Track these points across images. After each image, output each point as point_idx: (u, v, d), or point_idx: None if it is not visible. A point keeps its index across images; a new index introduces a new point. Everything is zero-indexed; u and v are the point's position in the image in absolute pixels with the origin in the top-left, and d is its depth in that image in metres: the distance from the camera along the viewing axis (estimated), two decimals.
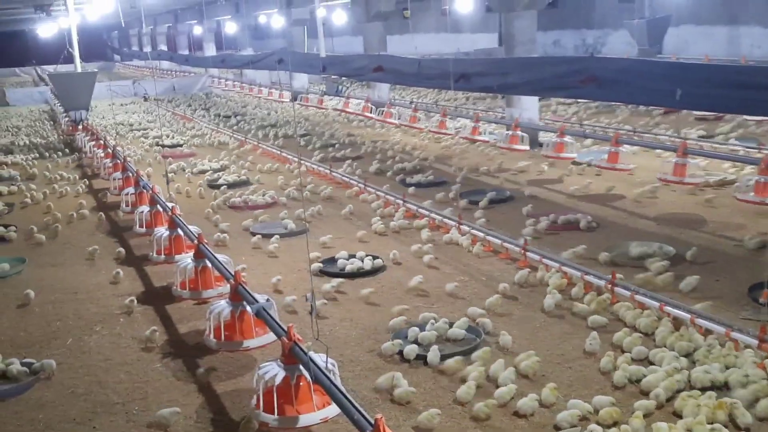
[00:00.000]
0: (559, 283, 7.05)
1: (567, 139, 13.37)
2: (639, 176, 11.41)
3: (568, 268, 7.31)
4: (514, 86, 12.37)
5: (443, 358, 5.75)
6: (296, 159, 14.27)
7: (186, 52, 40.87)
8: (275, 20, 32.42)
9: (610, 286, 6.77)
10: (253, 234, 9.58)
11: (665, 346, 5.72)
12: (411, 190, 11.33)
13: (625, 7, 25.68)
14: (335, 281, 7.51)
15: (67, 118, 20.99)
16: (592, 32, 28.16)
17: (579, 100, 18.85)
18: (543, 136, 14.40)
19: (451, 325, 6.29)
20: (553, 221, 9.32)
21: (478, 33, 32.63)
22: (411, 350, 5.87)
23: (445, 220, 9.40)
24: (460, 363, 5.65)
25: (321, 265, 8.06)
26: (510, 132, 14.39)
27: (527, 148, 14.09)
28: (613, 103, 17.21)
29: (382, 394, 5.35)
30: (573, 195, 10.81)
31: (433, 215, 9.66)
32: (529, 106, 15.08)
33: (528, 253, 7.86)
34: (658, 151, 12.61)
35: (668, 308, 6.19)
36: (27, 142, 19.22)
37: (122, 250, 9.15)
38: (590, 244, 8.29)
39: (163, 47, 47.64)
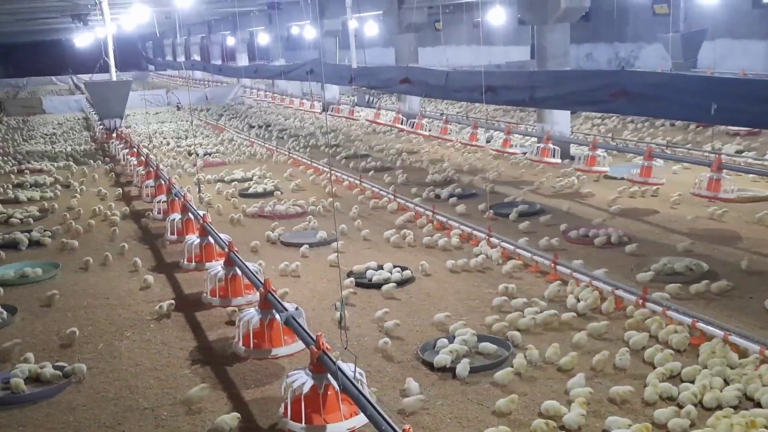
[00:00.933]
0: (593, 302, 6.95)
1: (599, 152, 13.26)
2: (672, 191, 11.28)
3: (599, 282, 7.24)
4: (544, 100, 12.33)
5: (472, 370, 5.73)
6: (326, 169, 14.33)
7: (219, 62, 41.35)
8: (307, 31, 32.66)
9: (641, 301, 6.69)
10: (283, 243, 9.63)
11: (698, 364, 5.64)
12: (452, 200, 11.30)
13: (659, 20, 25.45)
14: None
15: (101, 126, 21.32)
16: (626, 45, 27.94)
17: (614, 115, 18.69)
18: (575, 150, 14.31)
19: (480, 338, 6.26)
20: (583, 235, 9.25)
21: (510, 45, 32.56)
22: (443, 360, 5.87)
23: (475, 232, 9.37)
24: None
25: (354, 279, 8.04)
26: (541, 145, 14.30)
27: (559, 161, 14.00)
28: (651, 117, 17.08)
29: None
30: (605, 209, 10.72)
31: (463, 227, 9.63)
32: (560, 120, 15.00)
33: (558, 267, 7.80)
34: (692, 165, 12.48)
35: (701, 325, 6.10)
36: (62, 149, 19.54)
37: (154, 255, 9.25)
38: (621, 258, 8.20)
39: (197, 57, 48.27)
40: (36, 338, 6.99)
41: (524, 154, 15.07)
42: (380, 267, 8.27)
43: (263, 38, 39.11)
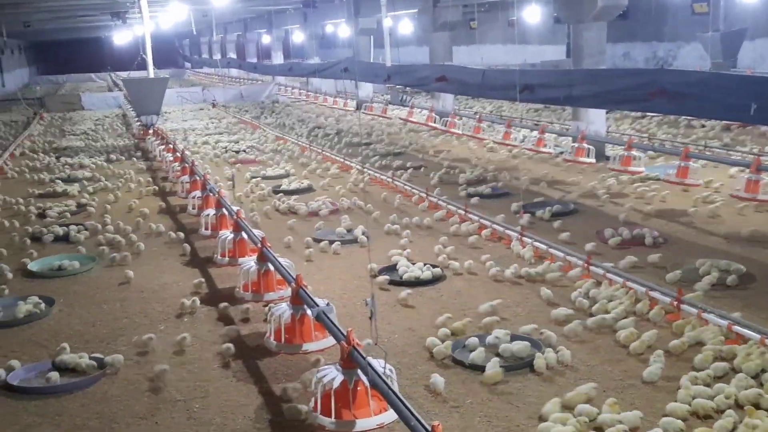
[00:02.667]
0: (628, 304, 6.87)
1: (635, 152, 13.12)
2: (709, 192, 11.11)
3: (633, 283, 7.16)
4: (580, 98, 12.23)
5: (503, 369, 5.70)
6: (359, 167, 14.37)
7: (254, 60, 41.69)
8: (342, 30, 32.80)
9: (676, 303, 6.60)
10: (315, 240, 9.68)
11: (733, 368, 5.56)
12: (474, 200, 11.27)
13: (698, 19, 25.05)
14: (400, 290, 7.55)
15: (138, 123, 21.63)
16: (664, 45, 27.57)
17: (653, 114, 18.47)
18: (610, 150, 14.17)
19: (512, 337, 6.23)
20: (618, 236, 9.16)
21: (545, 44, 32.31)
22: (478, 356, 5.87)
23: (507, 231, 9.33)
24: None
25: (387, 276, 8.04)
26: (576, 144, 14.20)
27: (593, 161, 13.89)
28: (688, 117, 16.85)
29: (438, 399, 5.34)
30: (639, 210, 10.59)
31: (495, 226, 9.60)
32: (595, 119, 14.86)
33: (591, 267, 7.73)
34: (730, 166, 12.29)
35: (737, 328, 6.00)
36: (100, 145, 19.84)
37: (188, 250, 9.36)
38: (656, 260, 8.10)
39: (232, 55, 48.69)
40: (72, 329, 7.11)
41: (560, 153, 14.96)
42: (411, 265, 8.26)
43: (298, 36, 39.40)
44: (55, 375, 5.96)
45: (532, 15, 24.40)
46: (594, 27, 14.43)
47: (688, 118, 17.50)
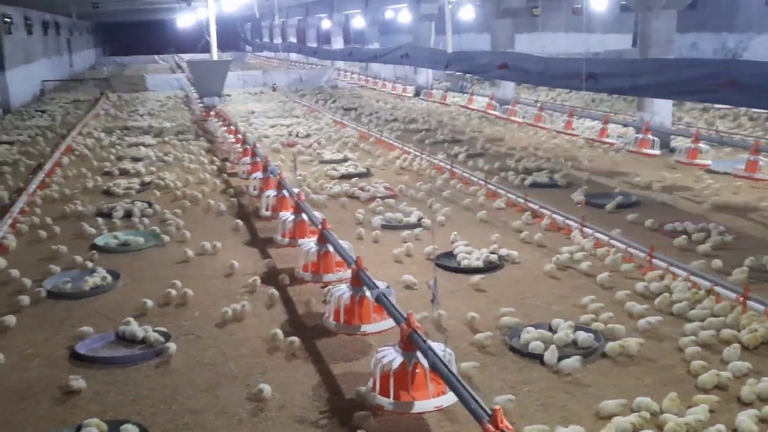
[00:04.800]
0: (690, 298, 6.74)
1: (702, 145, 12.81)
2: None
3: (697, 277, 7.01)
4: (646, 88, 11.95)
5: (561, 359, 5.66)
6: (418, 153, 14.36)
7: (314, 45, 41.91)
8: (403, 15, 32.70)
9: (742, 299, 6.44)
10: (372, 224, 9.73)
11: None
12: (544, 192, 11.16)
13: None
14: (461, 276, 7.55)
15: (200, 104, 22.00)
16: (734, 36, 26.74)
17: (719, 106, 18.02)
18: (676, 142, 13.86)
19: (573, 327, 6.17)
20: (680, 230, 8.98)
21: (609, 33, 31.69)
22: (536, 347, 5.84)
23: (568, 221, 9.23)
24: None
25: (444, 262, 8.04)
26: (640, 135, 13.92)
27: (658, 152, 13.60)
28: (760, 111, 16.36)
29: (494, 386, 5.34)
30: (705, 204, 10.35)
31: (555, 216, 9.49)
32: (660, 110, 14.54)
33: (654, 260, 7.59)
34: None
35: None
36: (163, 125, 20.24)
37: (248, 230, 9.50)
38: (719, 254, 7.92)
39: (293, 40, 49.02)
40: (137, 303, 7.30)
41: (624, 144, 14.69)
42: (469, 252, 8.23)
43: (358, 22, 39.43)
44: (121, 345, 6.14)
45: (598, 2, 23.91)
46: (663, 15, 14.10)
47: (759, 111, 16.99)
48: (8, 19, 24.30)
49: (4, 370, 5.89)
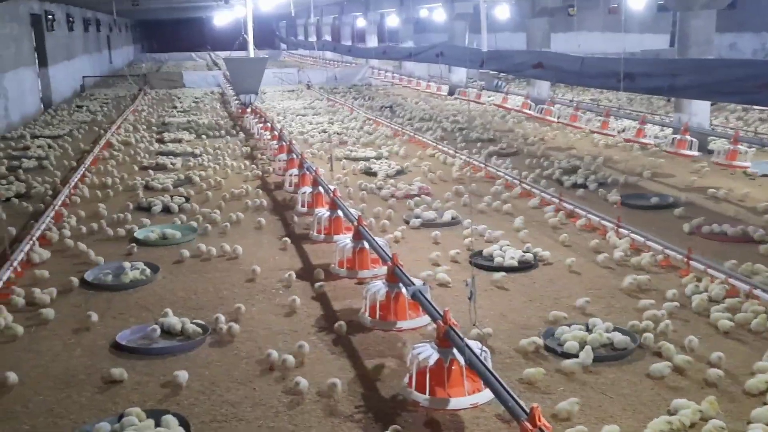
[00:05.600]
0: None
1: (741, 146, 12.63)
2: None
3: (735, 280, 6.94)
4: (685, 89, 11.81)
5: (597, 360, 5.65)
6: (451, 151, 14.36)
7: (349, 43, 42.03)
8: (437, 14, 32.66)
9: None
10: (406, 221, 9.77)
11: None
12: (580, 192, 11.10)
13: None
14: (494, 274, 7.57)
15: (237, 101, 22.21)
16: None
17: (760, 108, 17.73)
18: (715, 143, 13.69)
19: (607, 328, 6.15)
20: (721, 232, 8.88)
21: (646, 33, 31.31)
22: (572, 346, 5.84)
23: (603, 221, 9.18)
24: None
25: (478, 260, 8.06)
26: (678, 136, 13.77)
27: (696, 153, 13.44)
28: None
29: (529, 385, 5.35)
30: (744, 206, 10.22)
31: (590, 216, 9.45)
32: (699, 110, 14.37)
33: (692, 262, 7.53)
34: None
35: None
36: (199, 121, 20.47)
37: (283, 226, 9.59)
38: (757, 257, 7.83)
39: (328, 38, 49.21)
40: (175, 296, 7.43)
41: (658, 145, 14.56)
42: (504, 251, 8.23)
43: (393, 20, 39.43)
44: (160, 337, 6.27)
45: (635, 1, 23.63)
46: (703, 15, 13.93)
47: None
48: (51, 16, 24.76)
49: (48, 359, 6.04)
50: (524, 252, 8.16)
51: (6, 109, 18.65)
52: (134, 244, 8.96)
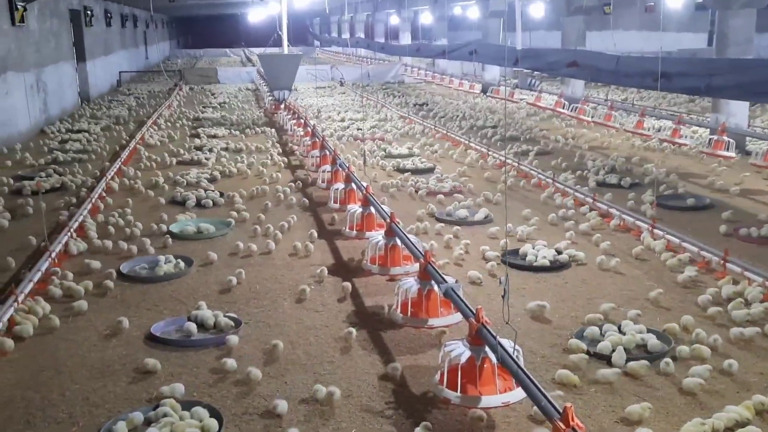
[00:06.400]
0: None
1: None
2: None
3: None
4: (723, 89, 11.63)
5: (629, 361, 5.60)
6: (484, 149, 14.31)
7: (382, 40, 42.04)
8: (471, 11, 32.53)
9: None
10: (438, 219, 9.76)
11: None
12: (608, 195, 10.98)
13: None
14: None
15: (270, 97, 22.35)
16: None
17: None
18: (753, 144, 13.46)
19: (641, 330, 6.09)
20: (759, 234, 8.74)
21: (683, 32, 30.88)
22: (604, 347, 5.79)
23: (638, 222, 9.09)
24: (644, 368, 5.48)
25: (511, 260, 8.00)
26: (715, 137, 13.57)
27: (733, 155, 13.24)
28: None
29: (560, 387, 5.32)
30: None
31: (624, 216, 9.36)
32: (737, 111, 14.15)
33: (728, 265, 7.42)
34: None
35: None
36: (233, 117, 20.64)
37: (316, 222, 9.64)
38: None
39: (361, 35, 49.28)
40: (208, 289, 7.51)
41: (695, 145, 14.36)
42: (536, 250, 8.19)
43: (426, 18, 39.36)
44: (194, 329, 6.34)
45: (672, 0, 23.31)
46: (742, 14, 13.71)
47: None
48: (89, 12, 25.13)
49: (85, 349, 6.14)
50: (557, 252, 8.11)
51: (45, 103, 18.98)
52: (169, 237, 9.06)
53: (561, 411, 3.76)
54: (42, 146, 15.92)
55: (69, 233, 8.87)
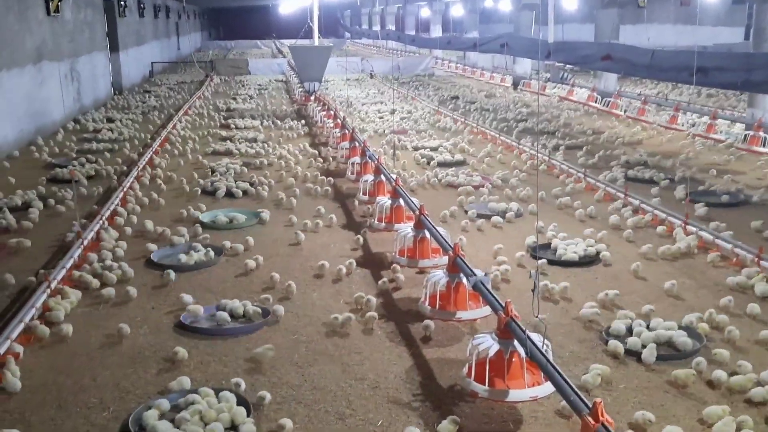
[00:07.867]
0: None
1: None
2: None
3: None
4: (760, 84, 11.44)
5: (660, 358, 5.53)
6: (515, 143, 14.21)
7: (413, 33, 41.94)
8: (503, 4, 32.30)
9: None
10: (467, 212, 9.71)
11: None
12: (647, 188, 10.87)
13: None
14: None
15: (301, 89, 22.41)
16: None
17: None
18: None
19: (671, 327, 6.01)
20: None
21: (720, 26, 30.42)
22: (633, 343, 5.73)
23: (670, 218, 8.97)
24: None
25: (544, 259, 7.93)
26: (751, 132, 13.34)
27: None
28: None
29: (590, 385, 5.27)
30: None
31: (656, 212, 9.24)
32: None
33: (762, 262, 7.30)
34: None
35: None
36: (264, 108, 20.72)
37: (345, 213, 9.65)
38: None
39: (391, 27, 49.21)
40: (237, 278, 7.55)
41: (730, 141, 14.13)
42: (568, 245, 8.12)
43: (457, 10, 39.19)
44: (224, 318, 6.39)
45: None
46: None
47: None
48: (123, 3, 25.37)
49: (116, 336, 6.21)
50: (587, 246, 8.03)
51: (79, 93, 19.22)
52: (199, 227, 9.12)
53: (590, 406, 3.73)
54: (75, 135, 16.13)
55: (101, 221, 8.97)
